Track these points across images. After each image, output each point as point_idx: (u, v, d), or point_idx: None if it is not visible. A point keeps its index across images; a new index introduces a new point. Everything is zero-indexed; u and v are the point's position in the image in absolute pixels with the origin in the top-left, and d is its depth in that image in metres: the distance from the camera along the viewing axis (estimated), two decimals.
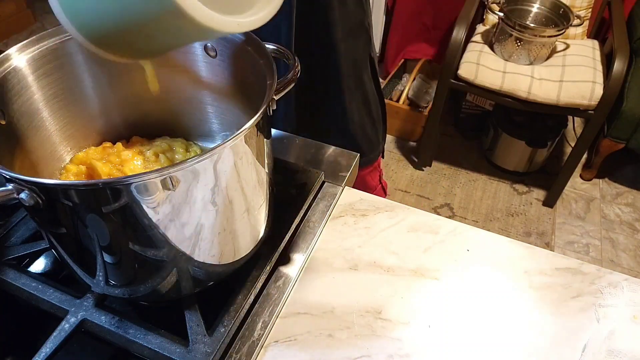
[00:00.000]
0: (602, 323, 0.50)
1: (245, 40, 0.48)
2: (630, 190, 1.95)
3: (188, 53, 0.52)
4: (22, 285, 0.49)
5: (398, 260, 0.56)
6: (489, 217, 1.83)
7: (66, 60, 0.49)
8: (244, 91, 0.52)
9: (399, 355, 0.48)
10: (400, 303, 0.52)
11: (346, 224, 0.60)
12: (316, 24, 0.74)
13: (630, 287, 0.54)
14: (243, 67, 0.50)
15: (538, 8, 1.69)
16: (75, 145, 0.55)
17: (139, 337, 0.45)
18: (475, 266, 0.55)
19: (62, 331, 0.45)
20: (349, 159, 0.68)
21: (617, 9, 1.74)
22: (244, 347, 0.47)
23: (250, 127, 0.38)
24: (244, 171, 0.43)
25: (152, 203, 0.37)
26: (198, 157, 0.35)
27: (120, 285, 0.46)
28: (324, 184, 0.64)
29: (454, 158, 2.05)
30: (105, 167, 0.52)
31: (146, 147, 0.56)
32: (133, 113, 0.58)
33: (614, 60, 1.51)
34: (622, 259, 1.70)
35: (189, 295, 0.48)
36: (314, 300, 0.52)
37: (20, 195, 0.35)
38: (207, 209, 0.41)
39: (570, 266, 0.56)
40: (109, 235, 0.39)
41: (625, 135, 1.71)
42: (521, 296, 0.53)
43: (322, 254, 0.56)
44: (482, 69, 1.62)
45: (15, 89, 0.45)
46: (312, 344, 0.48)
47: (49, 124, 0.50)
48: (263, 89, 0.44)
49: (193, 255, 0.44)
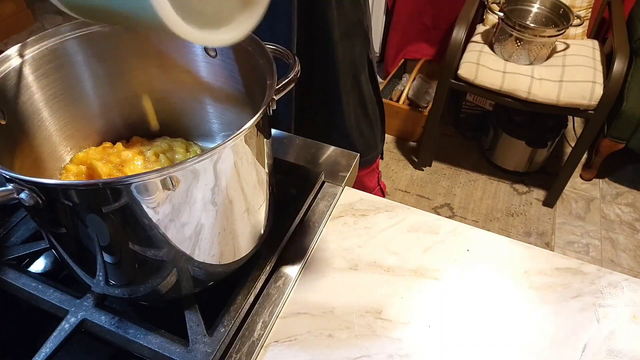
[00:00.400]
0: (602, 323, 0.50)
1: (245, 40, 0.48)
2: (630, 190, 1.95)
3: (188, 53, 0.52)
4: (22, 285, 0.49)
5: (398, 260, 0.56)
6: (489, 217, 1.83)
7: (66, 60, 0.49)
8: (244, 91, 0.52)
9: (399, 355, 0.48)
10: (400, 303, 0.52)
11: (346, 224, 0.60)
12: (316, 24, 0.74)
13: (630, 287, 0.54)
14: (243, 67, 0.50)
15: (538, 8, 1.69)
16: (75, 145, 0.55)
17: (139, 337, 0.45)
18: (475, 266, 0.55)
19: (62, 331, 0.45)
20: (349, 159, 0.68)
21: (617, 9, 1.74)
22: (244, 347, 0.47)
23: (250, 127, 0.38)
24: (244, 171, 0.43)
25: (152, 203, 0.37)
26: (198, 157, 0.35)
27: (120, 285, 0.46)
28: (324, 184, 0.64)
29: (454, 158, 2.05)
30: (105, 167, 0.52)
31: (146, 147, 0.56)
32: (133, 113, 0.58)
33: (614, 60, 1.51)
34: (622, 259, 1.70)
35: (189, 295, 0.48)
36: (314, 300, 0.52)
37: (20, 195, 0.35)
38: (207, 209, 0.41)
39: (570, 266, 0.56)
40: (109, 235, 0.39)
41: (625, 135, 1.71)
42: (521, 296, 0.53)
43: (322, 254, 0.56)
44: (482, 69, 1.62)
45: (15, 89, 0.45)
46: (312, 344, 0.48)
47: (49, 124, 0.50)
48: (263, 89, 0.44)
49: (193, 255, 0.44)
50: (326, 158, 0.68)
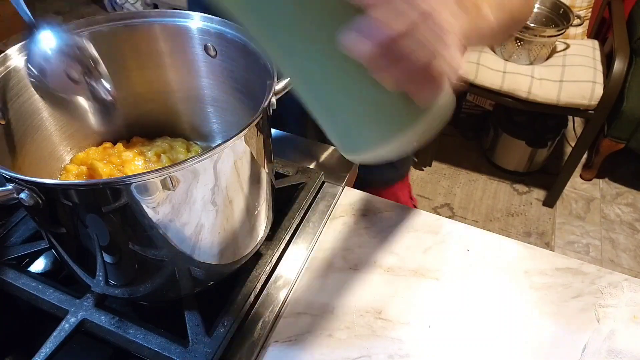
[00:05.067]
0: (602, 323, 0.50)
1: (245, 40, 0.48)
2: (630, 190, 1.95)
3: (188, 53, 0.52)
4: (22, 285, 0.49)
5: (398, 260, 0.56)
6: (489, 217, 1.82)
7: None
8: (244, 91, 0.52)
9: (399, 355, 0.48)
10: (400, 303, 0.52)
11: (346, 224, 0.60)
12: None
13: (630, 287, 0.54)
14: (243, 67, 0.50)
15: (538, 8, 1.69)
16: (75, 145, 0.55)
17: (139, 337, 0.45)
18: (475, 266, 0.55)
19: (62, 331, 0.45)
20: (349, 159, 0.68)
21: (617, 9, 1.74)
22: (244, 347, 0.47)
23: (250, 127, 0.38)
24: (244, 171, 0.43)
25: (152, 203, 0.37)
26: (198, 157, 0.35)
27: (120, 285, 0.46)
28: (324, 184, 0.64)
29: (454, 158, 2.05)
30: (106, 167, 0.52)
31: (147, 148, 0.56)
32: (133, 113, 0.58)
33: (614, 60, 1.51)
34: (622, 259, 1.70)
35: (189, 295, 0.48)
36: (314, 300, 0.52)
37: (20, 195, 0.35)
38: (207, 209, 0.41)
39: (571, 266, 0.56)
40: (109, 235, 0.39)
41: (625, 135, 1.71)
42: (521, 296, 0.53)
43: (322, 254, 0.56)
44: (482, 68, 1.62)
45: (15, 89, 0.45)
46: (312, 344, 0.48)
47: (49, 124, 0.50)
48: (263, 89, 0.44)
49: (193, 255, 0.44)
50: (326, 158, 0.68)
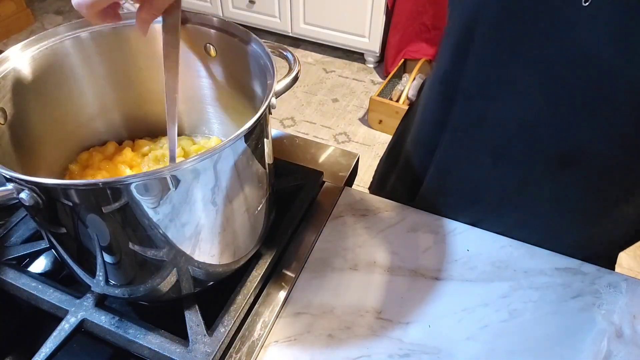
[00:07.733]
0: (602, 323, 0.50)
1: (245, 40, 0.48)
2: None
3: (188, 53, 0.52)
4: (22, 285, 0.49)
5: (398, 260, 0.56)
6: None
7: (66, 60, 0.49)
8: (244, 91, 0.52)
9: (399, 355, 0.48)
10: (400, 303, 0.52)
11: (346, 224, 0.60)
12: None
13: (630, 287, 0.54)
14: (243, 67, 0.50)
15: None
16: (75, 146, 0.55)
17: (139, 337, 0.45)
18: (475, 266, 0.55)
19: (62, 331, 0.45)
20: (349, 159, 0.68)
21: None
22: (244, 347, 0.47)
23: (250, 127, 0.38)
24: (244, 171, 0.43)
25: (152, 203, 0.37)
26: (198, 157, 0.35)
27: (120, 285, 0.46)
28: (324, 184, 0.64)
29: None
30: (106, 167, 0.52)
31: (148, 148, 0.56)
32: (133, 113, 0.58)
33: None
34: (622, 259, 1.70)
35: (189, 295, 0.48)
36: (314, 300, 0.52)
37: (20, 195, 0.35)
38: (207, 209, 0.41)
39: (570, 266, 0.56)
40: (109, 235, 0.39)
41: None
42: (521, 296, 0.53)
43: (322, 254, 0.56)
44: None
45: (15, 89, 0.45)
46: (312, 344, 0.48)
47: (49, 123, 0.50)
48: (263, 89, 0.44)
49: (193, 255, 0.44)
50: (326, 158, 0.68)
